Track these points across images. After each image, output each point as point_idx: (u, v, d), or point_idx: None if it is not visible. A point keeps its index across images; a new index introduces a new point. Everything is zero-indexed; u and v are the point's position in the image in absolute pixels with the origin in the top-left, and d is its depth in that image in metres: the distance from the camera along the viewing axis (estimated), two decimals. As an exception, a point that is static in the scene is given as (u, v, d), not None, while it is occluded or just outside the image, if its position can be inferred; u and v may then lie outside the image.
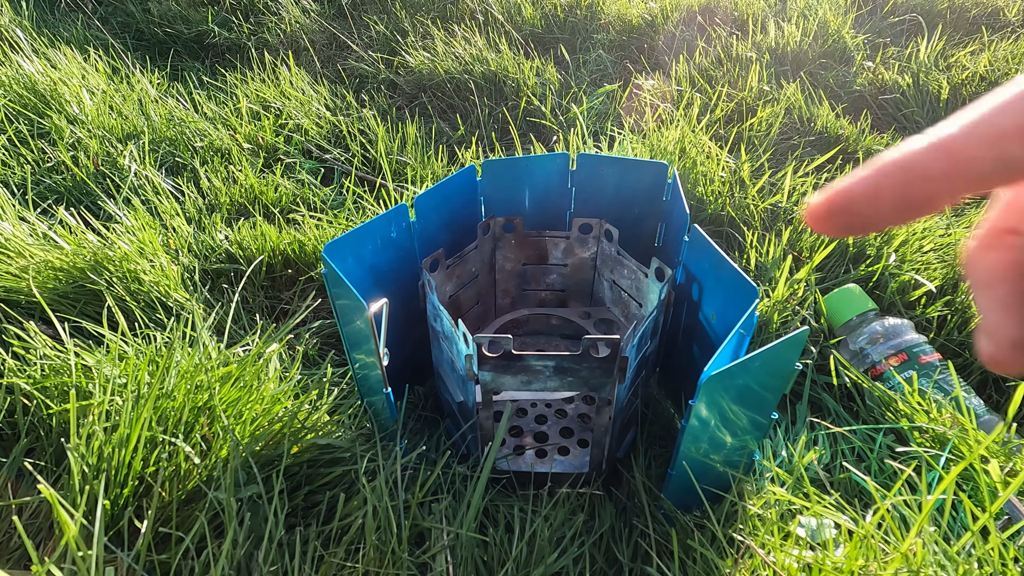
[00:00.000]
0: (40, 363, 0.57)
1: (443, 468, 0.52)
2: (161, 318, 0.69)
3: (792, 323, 0.71)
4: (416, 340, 0.59)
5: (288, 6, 1.57)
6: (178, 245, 0.81)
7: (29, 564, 0.46)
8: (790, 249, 0.82)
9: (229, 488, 0.45)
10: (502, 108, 1.22)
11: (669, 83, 1.25)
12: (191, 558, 0.45)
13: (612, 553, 0.51)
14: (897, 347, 0.66)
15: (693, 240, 0.52)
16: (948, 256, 0.82)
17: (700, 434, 0.44)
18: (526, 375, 0.45)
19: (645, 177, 0.60)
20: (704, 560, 0.46)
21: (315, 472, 0.52)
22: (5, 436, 0.55)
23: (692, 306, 0.55)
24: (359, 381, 0.56)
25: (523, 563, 0.48)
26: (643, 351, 0.49)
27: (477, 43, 1.34)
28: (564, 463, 0.55)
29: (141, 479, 0.48)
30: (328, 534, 0.48)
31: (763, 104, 1.16)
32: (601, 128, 1.13)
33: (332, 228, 0.84)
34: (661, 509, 0.51)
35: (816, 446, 0.58)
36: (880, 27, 1.49)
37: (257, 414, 0.54)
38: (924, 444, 0.57)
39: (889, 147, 1.02)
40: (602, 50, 1.41)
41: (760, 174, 0.97)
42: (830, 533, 0.45)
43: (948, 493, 0.42)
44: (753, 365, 0.40)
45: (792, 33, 1.37)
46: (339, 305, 0.50)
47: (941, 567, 0.41)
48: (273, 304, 0.77)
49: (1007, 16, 1.48)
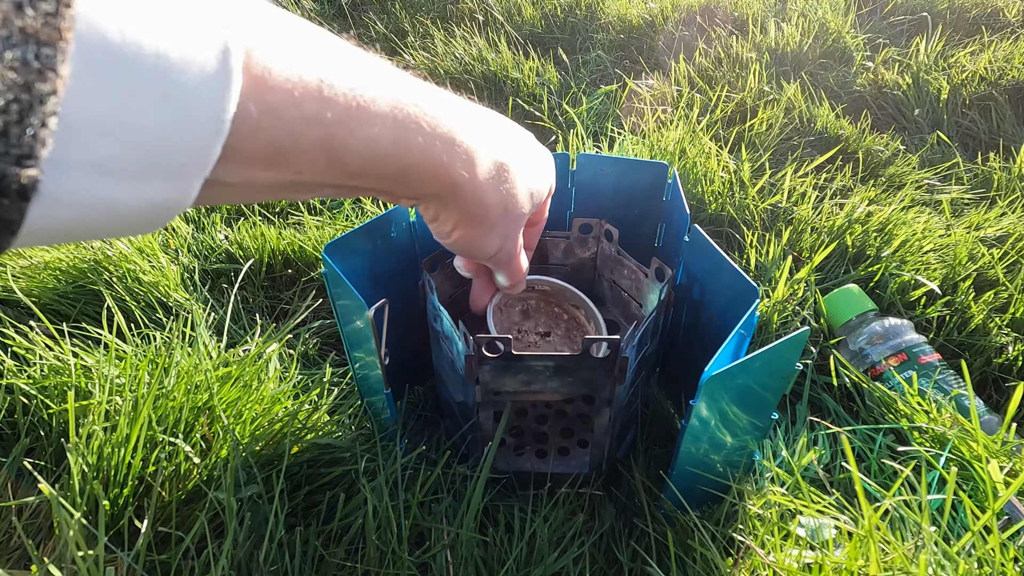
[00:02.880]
0: (40, 363, 0.57)
1: (443, 468, 0.52)
2: (161, 318, 0.69)
3: (792, 323, 0.71)
4: (416, 340, 0.59)
5: (288, 6, 1.57)
6: (177, 245, 0.81)
7: (29, 564, 0.46)
8: (790, 249, 0.82)
9: (229, 488, 0.45)
10: (502, 108, 1.22)
11: (669, 84, 1.25)
12: (191, 558, 0.45)
13: (612, 553, 0.51)
14: (897, 347, 0.66)
15: (693, 240, 0.52)
16: (948, 256, 0.82)
17: (700, 434, 0.44)
18: (526, 375, 0.45)
19: (645, 177, 0.60)
20: (704, 560, 0.46)
21: (315, 472, 0.52)
22: (5, 436, 0.55)
23: (692, 306, 0.55)
24: (359, 381, 0.56)
25: (523, 563, 0.48)
26: (643, 351, 0.49)
27: (477, 43, 1.34)
28: (564, 463, 0.55)
29: (141, 479, 0.48)
30: (328, 534, 0.48)
31: (763, 105, 1.16)
32: (601, 128, 1.13)
33: (332, 228, 0.84)
34: (661, 509, 0.51)
35: (816, 446, 0.58)
36: (880, 27, 1.49)
37: (257, 414, 0.54)
38: (924, 444, 0.57)
39: (889, 147, 1.01)
40: (602, 50, 1.41)
41: (760, 174, 0.97)
42: (830, 533, 0.45)
43: (948, 493, 0.42)
44: (753, 365, 0.41)
45: (792, 33, 1.37)
46: (339, 305, 0.50)
47: (941, 567, 0.41)
48: (273, 304, 0.77)
49: (1007, 16, 1.48)
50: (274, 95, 0.21)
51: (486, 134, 0.31)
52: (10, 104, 0.13)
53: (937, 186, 1.01)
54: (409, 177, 0.27)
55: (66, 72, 0.14)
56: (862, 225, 0.84)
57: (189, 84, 0.17)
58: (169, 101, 0.17)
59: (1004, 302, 0.75)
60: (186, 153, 0.18)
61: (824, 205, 0.90)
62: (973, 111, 1.20)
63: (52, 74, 0.14)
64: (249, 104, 0.20)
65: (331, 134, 0.23)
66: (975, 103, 1.21)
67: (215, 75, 0.18)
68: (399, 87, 0.26)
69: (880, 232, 0.84)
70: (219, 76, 0.18)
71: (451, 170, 0.29)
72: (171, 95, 0.17)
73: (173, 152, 0.18)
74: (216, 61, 0.18)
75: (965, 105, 1.21)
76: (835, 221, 0.85)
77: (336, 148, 0.23)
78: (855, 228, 0.83)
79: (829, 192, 0.95)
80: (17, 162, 0.14)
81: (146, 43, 0.16)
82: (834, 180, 0.99)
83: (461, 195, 0.31)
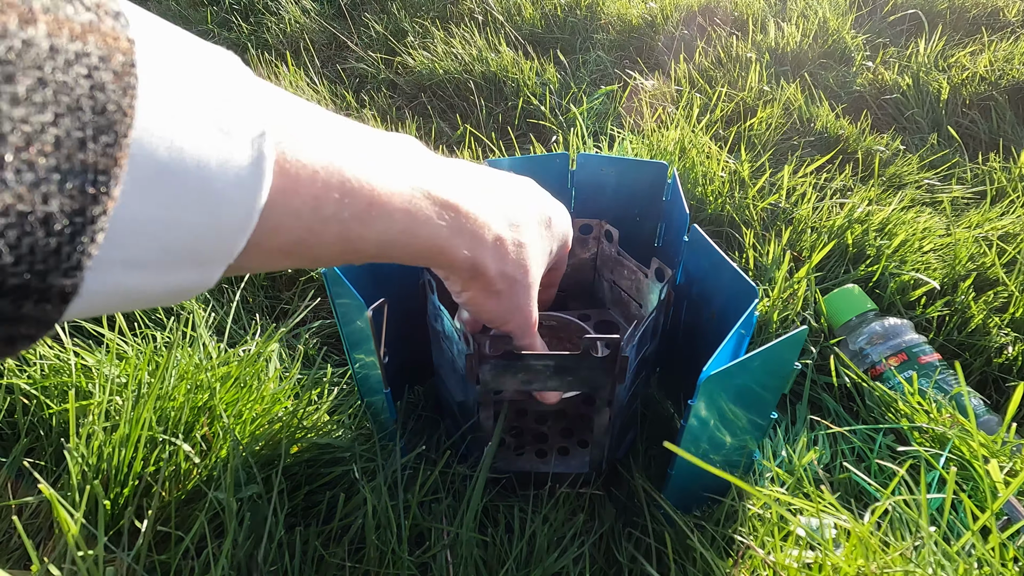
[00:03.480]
0: (40, 363, 0.57)
1: (443, 468, 0.52)
2: (161, 318, 0.69)
3: (792, 323, 0.71)
4: (416, 340, 0.59)
5: (288, 6, 1.57)
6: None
7: (29, 564, 0.46)
8: (790, 249, 0.82)
9: (229, 488, 0.45)
10: (502, 108, 1.22)
11: (669, 83, 1.25)
12: (191, 558, 0.45)
13: (612, 553, 0.51)
14: (897, 347, 0.66)
15: (693, 240, 0.52)
16: (948, 256, 0.82)
17: (699, 434, 0.44)
18: (526, 374, 0.45)
19: (645, 177, 0.60)
20: (704, 560, 0.46)
21: (315, 472, 0.52)
22: (5, 436, 0.55)
23: (692, 306, 0.55)
24: (359, 381, 0.56)
25: (523, 563, 0.48)
26: (643, 351, 0.49)
27: (477, 43, 1.34)
28: (564, 463, 0.55)
29: (141, 479, 0.48)
30: (328, 534, 0.48)
31: (763, 104, 1.16)
32: (601, 128, 1.13)
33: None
34: (661, 509, 0.51)
35: (816, 446, 0.58)
36: (880, 27, 1.49)
37: (257, 414, 0.54)
38: (924, 444, 0.57)
39: (889, 147, 1.01)
40: (602, 50, 1.41)
41: (760, 174, 0.97)
42: (830, 533, 0.45)
43: (948, 493, 0.42)
44: (752, 365, 0.41)
45: (792, 33, 1.37)
46: (339, 305, 0.50)
47: (941, 567, 0.41)
48: (273, 304, 0.77)
49: (1007, 16, 1.48)
50: (298, 200, 0.22)
51: (495, 210, 0.33)
52: (65, 228, 0.14)
53: (937, 186, 1.01)
54: (418, 256, 0.30)
55: (117, 193, 0.15)
56: (862, 225, 0.84)
57: (224, 189, 0.18)
58: (204, 204, 0.18)
59: (1004, 302, 0.75)
60: (214, 248, 0.19)
61: (824, 205, 0.90)
62: (973, 111, 1.20)
63: (105, 197, 0.15)
64: (274, 207, 0.21)
65: (348, 229, 0.25)
66: (975, 103, 1.21)
67: (248, 179, 0.19)
68: (413, 174, 0.28)
69: (880, 232, 0.84)
70: (252, 179, 0.19)
71: (457, 252, 0.31)
72: (206, 199, 0.18)
73: (203, 248, 0.19)
74: (250, 165, 0.19)
75: (965, 105, 1.21)
76: (835, 221, 0.85)
77: (351, 240, 0.25)
78: (855, 228, 0.83)
79: (829, 192, 0.95)
80: (65, 274, 0.14)
81: (188, 153, 0.17)
82: (834, 180, 0.99)
83: (468, 269, 0.33)
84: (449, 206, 0.30)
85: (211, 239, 0.19)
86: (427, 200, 0.28)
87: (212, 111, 0.18)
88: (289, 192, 0.21)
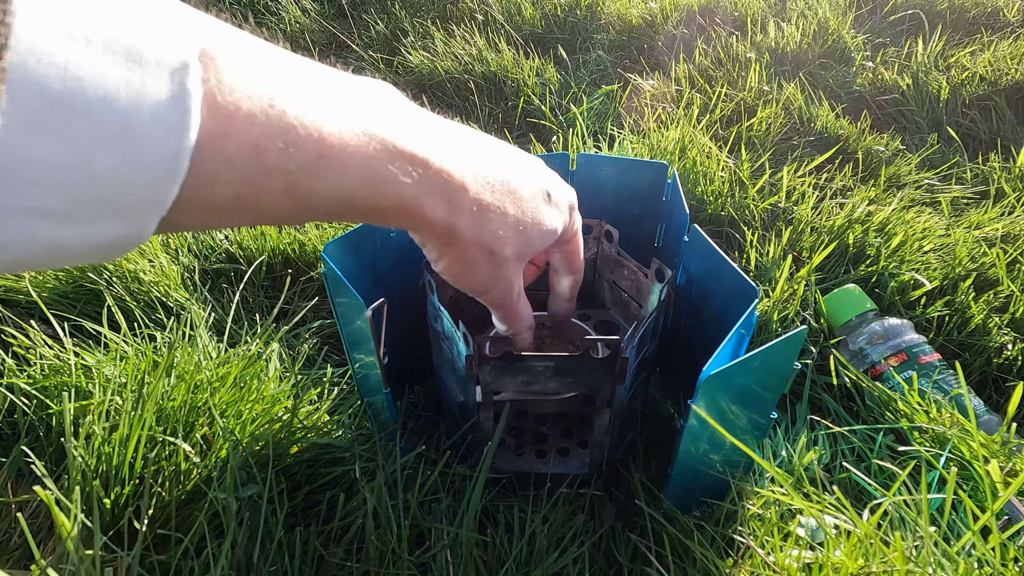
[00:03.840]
0: (40, 363, 0.57)
1: (443, 468, 0.52)
2: (161, 318, 0.69)
3: (792, 323, 0.71)
4: (416, 340, 0.59)
5: (288, 6, 1.57)
6: (178, 245, 0.81)
7: (29, 564, 0.46)
8: (790, 249, 0.82)
9: (229, 488, 0.45)
10: (502, 108, 1.22)
11: (669, 83, 1.25)
12: (191, 558, 0.45)
13: (612, 553, 0.51)
14: (896, 347, 0.66)
15: (693, 240, 0.52)
16: (948, 256, 0.82)
17: (699, 434, 0.44)
18: (526, 376, 0.45)
19: (645, 177, 0.60)
20: (704, 560, 0.46)
21: (315, 472, 0.52)
22: (5, 436, 0.55)
23: (692, 306, 0.55)
24: (359, 381, 0.56)
25: (523, 563, 0.48)
26: (643, 352, 0.49)
27: (477, 43, 1.34)
28: (564, 464, 0.55)
29: (141, 479, 0.48)
30: (328, 534, 0.48)
31: (763, 104, 1.16)
32: (601, 128, 1.13)
33: (332, 228, 0.85)
34: (661, 509, 0.51)
35: (816, 446, 0.58)
36: (880, 27, 1.49)
37: (257, 414, 0.54)
38: (924, 444, 0.57)
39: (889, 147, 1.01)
40: (602, 50, 1.41)
41: (760, 174, 0.97)
42: (830, 533, 0.45)
43: (948, 493, 0.42)
44: (752, 364, 0.40)
45: (792, 33, 1.37)
46: (339, 305, 0.50)
47: (941, 567, 0.41)
48: (273, 304, 0.77)
49: (1007, 16, 1.48)
50: (232, 146, 0.19)
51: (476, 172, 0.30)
52: None
53: (937, 186, 1.01)
54: (384, 216, 0.27)
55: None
56: (862, 225, 0.84)
57: (141, 128, 0.16)
58: (116, 145, 0.16)
59: (1004, 302, 0.75)
60: (139, 197, 0.17)
61: (824, 205, 0.90)
62: (973, 111, 1.20)
63: None
64: (205, 156, 0.19)
65: (296, 183, 0.22)
66: (975, 103, 1.21)
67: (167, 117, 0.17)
68: (374, 122, 0.24)
69: (880, 232, 0.84)
70: (173, 118, 0.17)
71: (426, 212, 0.28)
72: (118, 139, 0.16)
73: (124, 196, 0.17)
74: (169, 100, 0.17)
75: (965, 105, 1.21)
76: (835, 221, 0.85)
77: (301, 196, 0.22)
78: (855, 228, 0.83)
79: (829, 192, 0.95)
80: None
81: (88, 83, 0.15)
82: (834, 180, 0.99)
83: (441, 233, 0.30)
84: (417, 160, 0.26)
85: (132, 186, 0.17)
86: (389, 152, 0.25)
87: (118, 35, 0.16)
88: (221, 137, 0.19)
